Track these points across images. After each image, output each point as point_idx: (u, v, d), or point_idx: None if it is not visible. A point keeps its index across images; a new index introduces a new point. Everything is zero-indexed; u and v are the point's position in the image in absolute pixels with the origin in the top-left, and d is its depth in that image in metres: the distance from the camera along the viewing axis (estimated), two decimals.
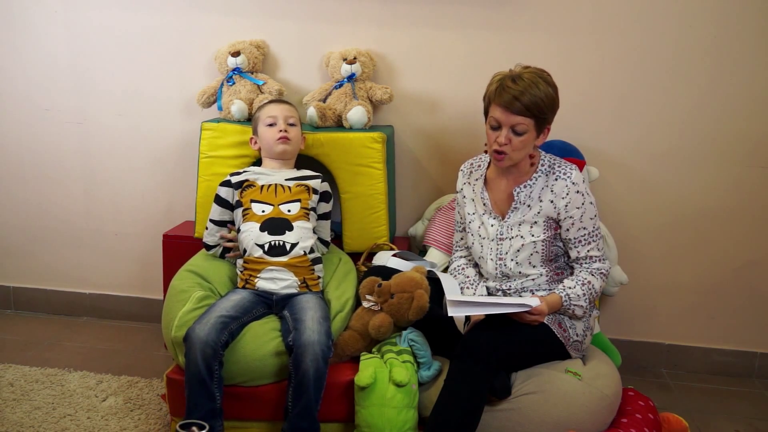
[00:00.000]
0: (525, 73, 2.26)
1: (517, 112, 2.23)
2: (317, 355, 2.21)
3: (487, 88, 2.32)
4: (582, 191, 2.33)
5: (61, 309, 3.53)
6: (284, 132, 2.62)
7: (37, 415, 2.58)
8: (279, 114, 2.65)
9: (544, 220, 2.35)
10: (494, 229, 2.41)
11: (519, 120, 2.23)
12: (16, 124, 3.39)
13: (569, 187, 2.32)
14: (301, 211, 2.58)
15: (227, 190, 2.64)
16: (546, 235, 2.35)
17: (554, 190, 2.33)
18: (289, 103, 2.76)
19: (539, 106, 2.23)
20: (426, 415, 2.25)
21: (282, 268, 2.48)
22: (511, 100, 2.22)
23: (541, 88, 2.23)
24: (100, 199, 3.40)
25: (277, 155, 2.65)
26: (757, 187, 3.01)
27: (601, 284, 2.37)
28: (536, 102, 2.22)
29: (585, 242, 2.35)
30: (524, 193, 2.36)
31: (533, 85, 2.23)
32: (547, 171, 2.36)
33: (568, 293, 2.31)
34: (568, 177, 2.33)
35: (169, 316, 2.41)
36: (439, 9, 3.01)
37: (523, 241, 2.36)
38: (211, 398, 2.21)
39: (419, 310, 2.36)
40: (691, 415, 2.76)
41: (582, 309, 2.33)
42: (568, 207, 2.32)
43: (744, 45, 2.90)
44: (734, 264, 3.08)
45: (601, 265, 2.37)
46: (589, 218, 2.34)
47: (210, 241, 2.67)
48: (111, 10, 3.21)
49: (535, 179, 2.36)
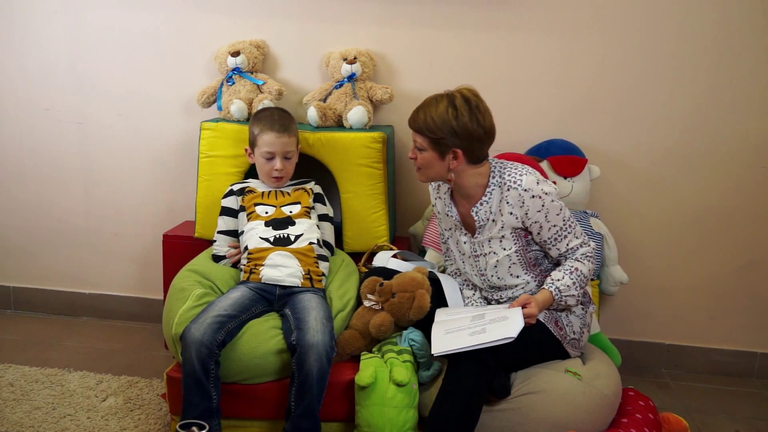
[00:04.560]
0: (436, 96, 2.30)
1: (415, 128, 2.30)
2: (321, 356, 2.21)
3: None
4: (537, 194, 2.26)
5: (61, 309, 3.52)
6: (279, 172, 2.62)
7: (37, 415, 2.58)
8: (277, 149, 2.60)
9: (510, 232, 2.32)
10: (468, 247, 2.40)
11: (416, 137, 2.31)
12: (16, 124, 3.39)
13: (522, 195, 2.26)
14: (302, 210, 2.61)
15: (231, 199, 2.68)
16: (518, 246, 2.33)
17: (509, 201, 2.28)
18: (288, 130, 2.63)
19: (429, 127, 2.25)
20: (426, 414, 2.25)
21: (287, 253, 2.49)
22: (412, 116, 2.31)
23: (440, 110, 2.25)
24: (100, 199, 3.40)
25: (270, 185, 2.69)
26: (757, 186, 3.01)
27: (590, 267, 2.32)
28: (427, 124, 2.26)
29: (561, 238, 2.31)
30: (483, 210, 2.33)
31: (431, 105, 2.27)
32: (499, 182, 2.31)
33: (557, 286, 2.28)
34: (519, 185, 2.27)
35: (170, 314, 2.41)
36: (439, 9, 3.01)
37: (497, 256, 2.35)
38: (208, 398, 2.21)
39: (420, 309, 2.37)
40: (691, 415, 2.76)
41: (575, 298, 2.30)
42: (529, 213, 2.28)
43: (744, 45, 2.90)
44: (735, 264, 3.08)
45: (585, 249, 2.32)
46: (555, 215, 2.28)
47: (220, 252, 2.68)
48: (111, 10, 3.21)
49: (489, 194, 2.32)
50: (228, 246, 2.67)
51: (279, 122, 2.62)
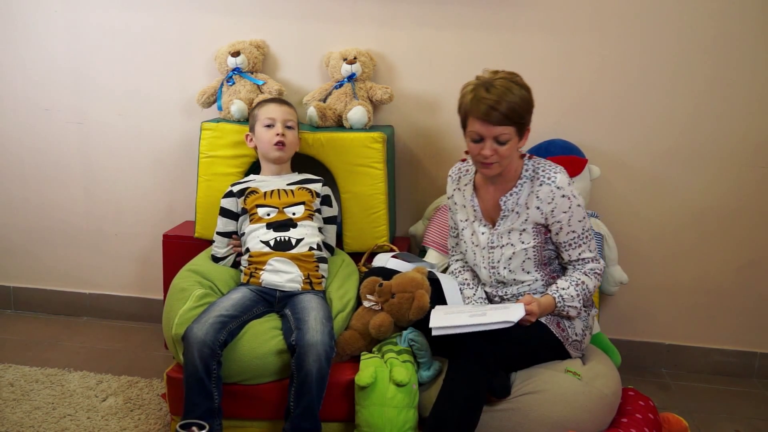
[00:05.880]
0: (497, 80, 2.20)
1: (496, 122, 2.17)
2: (320, 356, 2.21)
3: (460, 100, 2.27)
4: (568, 195, 2.28)
5: (61, 309, 3.53)
6: (281, 136, 2.61)
7: (37, 415, 2.58)
8: (278, 116, 2.64)
9: (532, 226, 2.32)
10: (485, 237, 2.39)
11: (500, 131, 2.19)
12: (16, 124, 3.39)
13: (554, 191, 2.27)
14: (306, 213, 2.60)
15: (230, 200, 2.66)
16: (536, 241, 2.33)
17: (539, 195, 2.29)
18: (288, 103, 2.75)
19: (517, 111, 2.18)
20: (426, 415, 2.25)
21: (287, 259, 2.48)
22: (488, 110, 2.16)
23: (515, 92, 2.18)
24: (100, 199, 3.40)
25: (272, 160, 2.66)
26: (757, 186, 3.01)
27: (595, 284, 2.34)
28: (513, 108, 2.17)
29: (575, 245, 2.32)
30: (511, 201, 2.33)
31: (507, 91, 2.18)
32: (532, 176, 2.32)
33: (561, 294, 2.29)
34: (552, 181, 2.28)
35: (170, 315, 2.41)
36: (438, 9, 3.01)
37: (514, 249, 2.34)
38: (209, 397, 2.21)
39: (420, 310, 2.37)
40: (691, 415, 2.76)
41: (576, 310, 2.32)
42: (555, 212, 2.28)
43: (744, 45, 2.90)
44: (735, 264, 3.08)
45: (595, 265, 2.35)
46: (578, 221, 2.30)
47: (218, 253, 2.68)
48: (111, 10, 3.21)
49: (520, 186, 2.32)
50: (229, 246, 2.67)
51: (278, 98, 2.78)
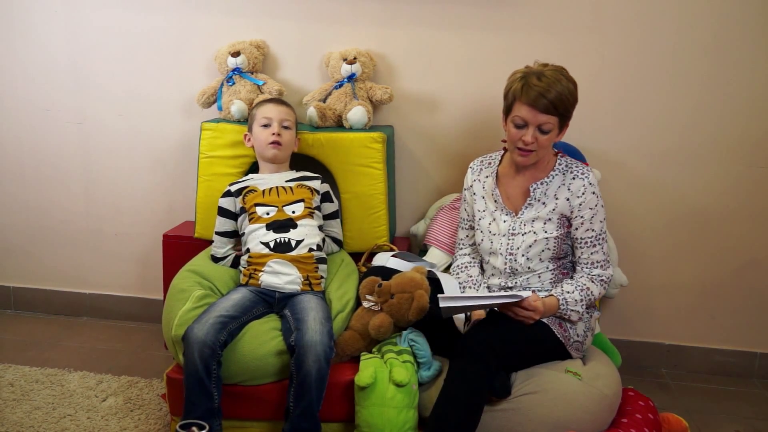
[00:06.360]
0: (547, 71, 2.27)
1: (543, 110, 2.23)
2: (319, 356, 2.21)
3: (508, 85, 2.32)
4: (597, 193, 2.36)
5: (61, 309, 3.53)
6: (276, 136, 2.62)
7: (37, 415, 2.58)
8: (274, 116, 2.64)
9: (558, 217, 2.37)
10: (506, 225, 2.42)
11: (545, 119, 2.25)
12: (16, 124, 3.39)
13: (587, 187, 2.35)
14: (306, 211, 2.60)
15: (229, 200, 2.65)
16: (558, 233, 2.37)
17: (571, 188, 2.35)
18: (286, 103, 2.75)
19: (564, 103, 2.24)
20: (426, 415, 2.25)
21: (286, 261, 2.48)
22: (538, 96, 2.22)
23: (563, 84, 2.25)
24: (100, 199, 3.40)
25: (267, 159, 2.66)
26: (757, 186, 3.01)
27: (600, 291, 2.38)
28: (561, 99, 2.23)
29: (590, 244, 2.37)
30: (540, 189, 2.38)
31: (557, 82, 2.24)
32: (564, 170, 2.39)
33: (565, 297, 2.32)
34: (585, 177, 2.36)
35: (169, 315, 2.41)
36: (439, 9, 3.01)
37: (535, 237, 2.37)
38: (209, 398, 2.21)
39: (419, 310, 2.36)
40: (691, 415, 2.76)
41: (578, 314, 2.34)
42: (582, 206, 2.34)
43: (744, 45, 2.90)
44: (734, 264, 3.08)
45: (603, 272, 2.38)
46: (599, 221, 2.36)
47: (218, 253, 2.68)
48: (111, 10, 3.21)
49: (552, 177, 2.38)
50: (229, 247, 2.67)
51: (277, 99, 2.79)
